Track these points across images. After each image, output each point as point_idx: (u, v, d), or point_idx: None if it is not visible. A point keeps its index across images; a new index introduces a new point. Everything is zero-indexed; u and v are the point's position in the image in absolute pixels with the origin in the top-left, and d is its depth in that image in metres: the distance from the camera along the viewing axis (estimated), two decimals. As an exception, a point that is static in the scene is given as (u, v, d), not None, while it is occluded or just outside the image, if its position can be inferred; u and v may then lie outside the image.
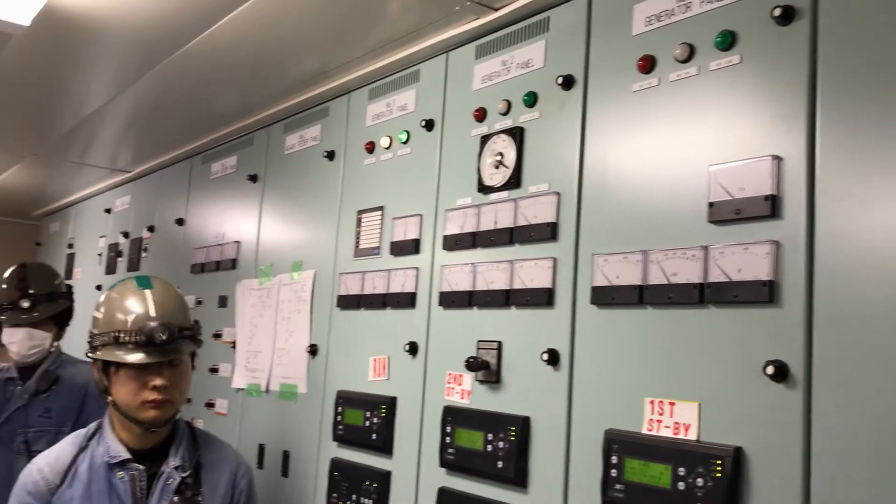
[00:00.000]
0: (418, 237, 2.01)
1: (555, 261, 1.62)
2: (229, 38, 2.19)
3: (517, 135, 1.76)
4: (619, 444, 1.43)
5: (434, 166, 2.00)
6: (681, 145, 1.42)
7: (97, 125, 3.26)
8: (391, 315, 2.07)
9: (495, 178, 1.80)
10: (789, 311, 1.21)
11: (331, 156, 2.41)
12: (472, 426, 1.74)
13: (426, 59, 2.09)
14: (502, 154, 1.78)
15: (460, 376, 1.82)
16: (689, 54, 1.42)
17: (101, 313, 2.00)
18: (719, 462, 1.26)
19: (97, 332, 1.98)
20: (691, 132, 1.41)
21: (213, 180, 3.16)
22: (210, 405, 2.86)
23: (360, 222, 2.25)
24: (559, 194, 1.64)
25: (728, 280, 1.30)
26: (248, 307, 2.77)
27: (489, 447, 1.69)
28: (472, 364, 1.74)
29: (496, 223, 1.77)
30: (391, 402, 2.01)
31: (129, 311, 1.95)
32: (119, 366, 1.91)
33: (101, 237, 4.29)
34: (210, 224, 3.14)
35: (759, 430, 1.23)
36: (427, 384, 1.92)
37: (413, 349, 1.96)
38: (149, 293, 1.99)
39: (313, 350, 2.37)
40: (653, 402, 1.40)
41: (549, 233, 1.63)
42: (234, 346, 2.77)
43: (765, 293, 1.24)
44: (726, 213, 1.32)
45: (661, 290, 1.41)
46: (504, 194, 1.77)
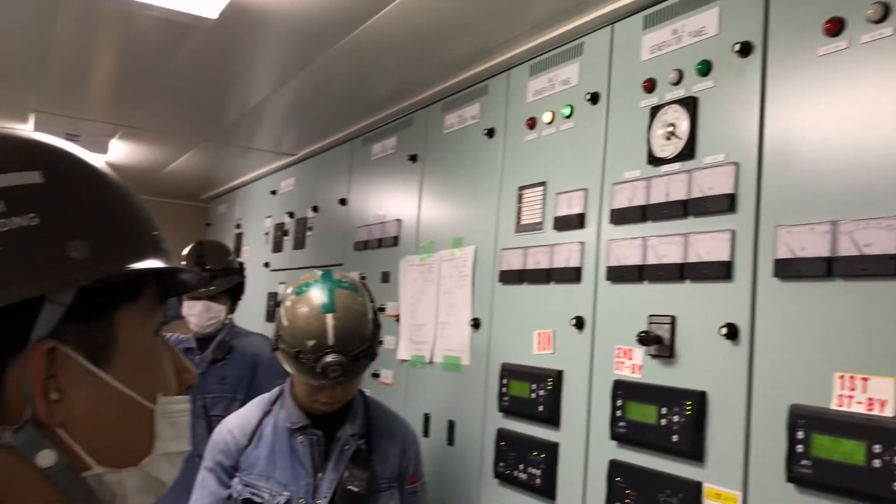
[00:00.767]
0: (583, 211, 2.01)
1: (733, 233, 1.58)
2: (394, 23, 2.27)
3: (690, 105, 1.72)
4: (805, 420, 1.39)
5: (599, 140, 1.99)
6: (874, 111, 1.35)
7: (262, 112, 3.45)
8: (555, 290, 2.09)
9: (666, 149, 1.77)
10: None
11: (490, 133, 2.44)
12: (645, 400, 1.74)
13: (590, 32, 2.07)
14: (674, 125, 1.75)
15: (630, 350, 1.81)
16: (884, 13, 1.35)
17: (286, 321, 2.03)
18: (922, 440, 1.21)
19: (282, 335, 2.03)
20: (885, 96, 1.33)
21: (373, 161, 3.28)
22: (375, 375, 2.99)
23: (521, 198, 2.28)
24: (737, 164, 1.59)
25: (932, 250, 1.23)
26: (410, 282, 2.87)
27: (663, 421, 1.68)
28: (645, 338, 1.73)
29: (668, 196, 1.75)
30: (557, 376, 2.03)
31: (310, 334, 1.96)
32: None
33: (268, 217, 4.55)
34: (371, 203, 3.26)
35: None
36: (595, 358, 1.93)
37: (579, 323, 1.97)
38: (330, 318, 1.97)
39: (476, 323, 2.42)
40: (843, 377, 1.35)
41: (726, 204, 1.60)
42: (398, 320, 2.88)
43: (976, 264, 1.17)
44: (930, 180, 1.24)
45: (853, 261, 1.35)
46: (676, 166, 1.75)
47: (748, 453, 1.51)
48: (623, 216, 1.87)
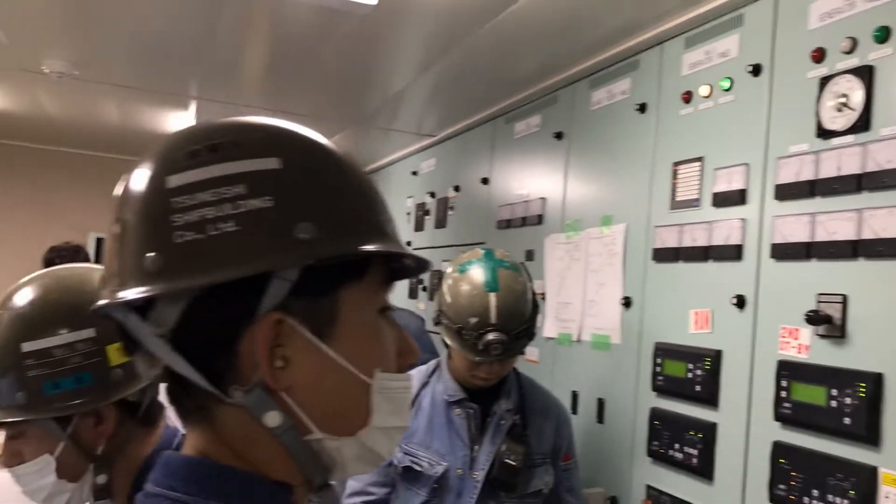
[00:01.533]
0: (745, 187, 1.96)
1: (915, 208, 1.50)
2: (541, 2, 2.26)
3: (865, 74, 1.64)
4: None
5: (762, 113, 1.92)
6: None
7: (405, 95, 3.53)
8: (714, 267, 2.05)
9: (838, 121, 1.70)
10: None
11: (642, 108, 2.41)
12: (813, 381, 1.69)
13: (751, 2, 2.00)
14: (846, 96, 1.67)
15: (796, 330, 1.76)
16: None
17: (449, 297, 2.09)
18: None
19: (444, 311, 2.10)
20: None
21: (516, 139, 3.30)
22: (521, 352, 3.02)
23: (675, 174, 2.24)
24: (920, 136, 1.51)
25: None
26: (555, 260, 2.88)
27: (833, 403, 1.63)
28: (814, 318, 1.67)
29: (839, 170, 1.67)
30: (716, 355, 2.00)
31: (473, 312, 2.02)
32: None
33: (409, 197, 4.67)
34: (514, 182, 3.29)
35: None
36: (757, 338, 1.88)
37: (741, 302, 1.92)
38: (493, 297, 2.02)
39: (627, 302, 2.41)
40: None
41: (907, 178, 1.52)
42: (544, 297, 2.90)
43: None
44: None
45: None
46: (849, 138, 1.67)
47: (932, 439, 1.45)
48: (789, 191, 1.81)
